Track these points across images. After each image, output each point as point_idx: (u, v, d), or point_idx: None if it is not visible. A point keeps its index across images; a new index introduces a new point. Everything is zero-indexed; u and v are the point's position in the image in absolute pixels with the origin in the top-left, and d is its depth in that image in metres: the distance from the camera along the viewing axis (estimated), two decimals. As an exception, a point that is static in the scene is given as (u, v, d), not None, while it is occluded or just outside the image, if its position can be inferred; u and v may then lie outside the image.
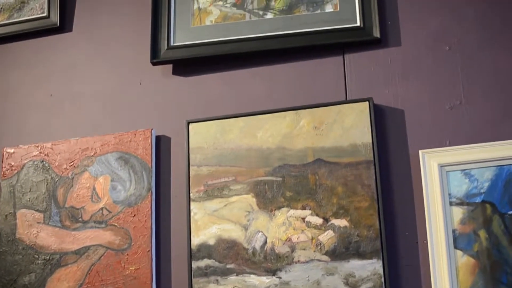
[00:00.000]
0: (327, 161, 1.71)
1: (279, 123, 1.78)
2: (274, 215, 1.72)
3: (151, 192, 1.83)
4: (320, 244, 1.66)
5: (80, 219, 1.87)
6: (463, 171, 1.61)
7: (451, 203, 1.60)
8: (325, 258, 1.65)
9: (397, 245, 1.64)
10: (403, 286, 1.62)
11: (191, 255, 1.75)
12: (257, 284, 1.69)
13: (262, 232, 1.72)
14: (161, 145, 1.90)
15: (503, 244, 1.55)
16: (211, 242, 1.75)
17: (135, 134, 1.89)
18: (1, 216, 1.94)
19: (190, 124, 1.85)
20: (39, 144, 1.97)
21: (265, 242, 1.71)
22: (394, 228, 1.65)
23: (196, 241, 1.76)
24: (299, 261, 1.67)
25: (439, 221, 1.59)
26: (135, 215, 1.82)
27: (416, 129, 1.70)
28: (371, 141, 1.69)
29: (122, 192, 1.86)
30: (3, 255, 1.90)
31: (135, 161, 1.86)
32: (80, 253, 1.84)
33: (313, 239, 1.67)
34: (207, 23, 1.94)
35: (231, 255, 1.73)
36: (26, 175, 1.95)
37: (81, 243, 1.85)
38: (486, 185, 1.59)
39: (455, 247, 1.58)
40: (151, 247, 1.79)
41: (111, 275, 1.80)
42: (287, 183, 1.73)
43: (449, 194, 1.61)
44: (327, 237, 1.66)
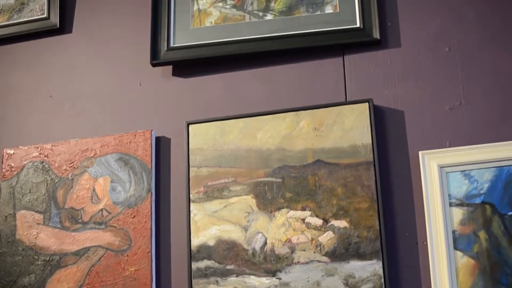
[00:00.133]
0: (327, 162, 1.71)
1: (279, 124, 1.78)
2: (274, 216, 1.72)
3: (151, 193, 1.83)
4: (320, 245, 1.66)
5: (80, 220, 1.87)
6: (463, 172, 1.61)
7: (451, 204, 1.60)
8: (325, 259, 1.65)
9: (397, 246, 1.64)
10: (403, 287, 1.61)
11: (191, 256, 1.75)
12: (257, 285, 1.68)
13: (262, 233, 1.72)
14: (161, 146, 1.90)
15: (503, 245, 1.55)
16: (211, 243, 1.75)
17: (135, 135, 1.89)
18: (1, 217, 1.93)
19: (190, 125, 1.85)
20: (39, 145, 1.97)
21: (265, 243, 1.71)
22: (394, 229, 1.65)
23: (196, 242, 1.76)
24: (299, 262, 1.67)
25: (439, 222, 1.59)
26: (135, 216, 1.82)
27: (416, 130, 1.70)
28: (371, 142, 1.69)
29: (122, 193, 1.86)
30: (3, 256, 1.90)
31: (135, 162, 1.86)
32: (80, 254, 1.84)
33: (313, 240, 1.67)
34: (207, 24, 1.94)
35: (231, 256, 1.72)
36: (26, 176, 1.95)
37: (81, 244, 1.85)
38: (486, 186, 1.59)
39: (455, 248, 1.58)
40: (151, 248, 1.79)
41: (111, 276, 1.80)
42: (287, 184, 1.73)
43: (449, 195, 1.61)
44: (327, 238, 1.66)
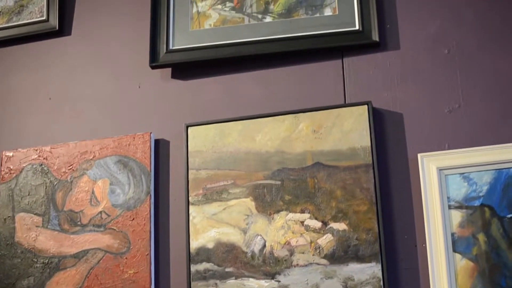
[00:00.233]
0: (326, 165, 1.71)
1: (278, 127, 1.78)
2: (273, 218, 1.72)
3: (150, 195, 1.83)
4: (319, 247, 1.66)
5: (79, 223, 1.87)
6: (462, 174, 1.61)
7: (450, 207, 1.60)
8: (324, 261, 1.65)
9: (396, 249, 1.64)
10: (402, 289, 1.62)
11: (190, 259, 1.75)
12: (256, 287, 1.68)
13: (261, 235, 1.72)
14: (160, 148, 1.90)
15: (502, 247, 1.55)
16: (210, 245, 1.75)
17: (134, 137, 1.89)
18: (0, 219, 1.93)
19: (189, 127, 1.85)
20: (38, 147, 1.97)
21: (264, 245, 1.71)
22: (393, 231, 1.65)
23: (195, 244, 1.76)
24: (298, 265, 1.67)
25: (438, 225, 1.59)
26: (134, 219, 1.82)
27: (415, 132, 1.70)
28: (370, 144, 1.69)
29: (121, 195, 1.85)
30: (2, 258, 1.90)
31: (134, 165, 1.86)
32: (79, 256, 1.84)
33: (312, 242, 1.67)
34: (206, 26, 1.94)
35: (230, 259, 1.72)
36: (25, 179, 1.95)
37: (80, 246, 1.84)
38: (485, 188, 1.59)
39: (454, 251, 1.58)
40: (150, 251, 1.79)
41: (109, 279, 1.80)
42: (286, 186, 1.73)
43: (448, 197, 1.61)
44: (326, 241, 1.66)
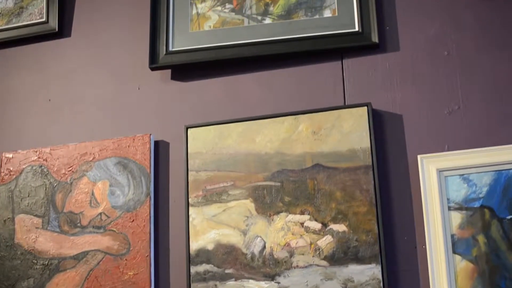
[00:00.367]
0: (325, 166, 1.71)
1: (277, 128, 1.78)
2: (272, 220, 1.72)
3: (150, 197, 1.83)
4: (318, 249, 1.66)
5: (78, 224, 1.87)
6: (462, 176, 1.61)
7: (450, 208, 1.60)
8: (324, 263, 1.65)
9: (395, 250, 1.64)
10: (402, 291, 1.62)
11: (190, 260, 1.75)
12: (255, 289, 1.69)
13: (260, 237, 1.72)
14: (160, 150, 1.90)
15: (501, 249, 1.55)
16: (210, 247, 1.75)
17: (134, 139, 1.89)
18: (0, 221, 1.93)
19: (188, 129, 1.85)
20: (38, 149, 1.97)
21: (264, 247, 1.71)
22: (392, 233, 1.65)
23: (194, 246, 1.76)
24: (297, 266, 1.67)
25: (438, 226, 1.59)
26: (133, 220, 1.82)
27: (414, 134, 1.70)
28: (369, 146, 1.69)
29: (120, 197, 1.85)
30: (2, 260, 1.90)
31: (133, 166, 1.86)
32: (78, 258, 1.84)
33: (311, 244, 1.67)
34: (205, 28, 1.94)
35: (230, 260, 1.72)
36: (24, 180, 1.95)
37: (80, 248, 1.84)
38: (484, 190, 1.59)
39: (454, 252, 1.58)
40: (150, 252, 1.79)
41: (109, 280, 1.80)
42: (286, 188, 1.73)
43: (448, 199, 1.61)
44: (325, 242, 1.66)
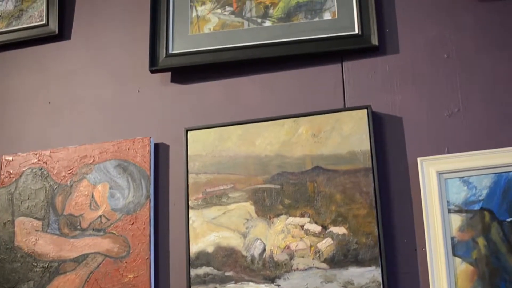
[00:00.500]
0: (325, 169, 1.71)
1: (277, 131, 1.78)
2: (272, 222, 1.72)
3: (150, 199, 1.83)
4: (318, 251, 1.66)
5: (78, 227, 1.87)
6: (462, 178, 1.61)
7: (450, 211, 1.60)
8: (324, 265, 1.65)
9: (395, 253, 1.64)
10: (402, 293, 1.62)
11: (190, 263, 1.75)
12: (255, 292, 1.69)
13: (260, 239, 1.72)
14: (160, 152, 1.90)
15: (501, 251, 1.55)
16: (210, 249, 1.75)
17: (134, 141, 1.89)
18: (0, 224, 1.93)
19: (188, 131, 1.85)
20: (38, 151, 1.97)
21: (264, 249, 1.71)
22: (392, 235, 1.65)
23: (194, 248, 1.76)
24: (297, 269, 1.67)
25: (438, 229, 1.59)
26: (133, 223, 1.82)
27: (414, 136, 1.70)
28: (369, 148, 1.69)
29: (120, 199, 1.85)
30: (2, 263, 1.90)
31: (133, 169, 1.86)
32: (78, 261, 1.84)
33: (311, 246, 1.67)
34: (205, 31, 1.94)
35: (230, 263, 1.72)
36: (24, 183, 1.95)
37: (80, 251, 1.84)
38: (484, 192, 1.59)
39: (454, 255, 1.58)
40: (150, 255, 1.79)
41: (109, 283, 1.79)
42: (286, 190, 1.73)
43: (448, 201, 1.61)
44: (325, 245, 1.66)
